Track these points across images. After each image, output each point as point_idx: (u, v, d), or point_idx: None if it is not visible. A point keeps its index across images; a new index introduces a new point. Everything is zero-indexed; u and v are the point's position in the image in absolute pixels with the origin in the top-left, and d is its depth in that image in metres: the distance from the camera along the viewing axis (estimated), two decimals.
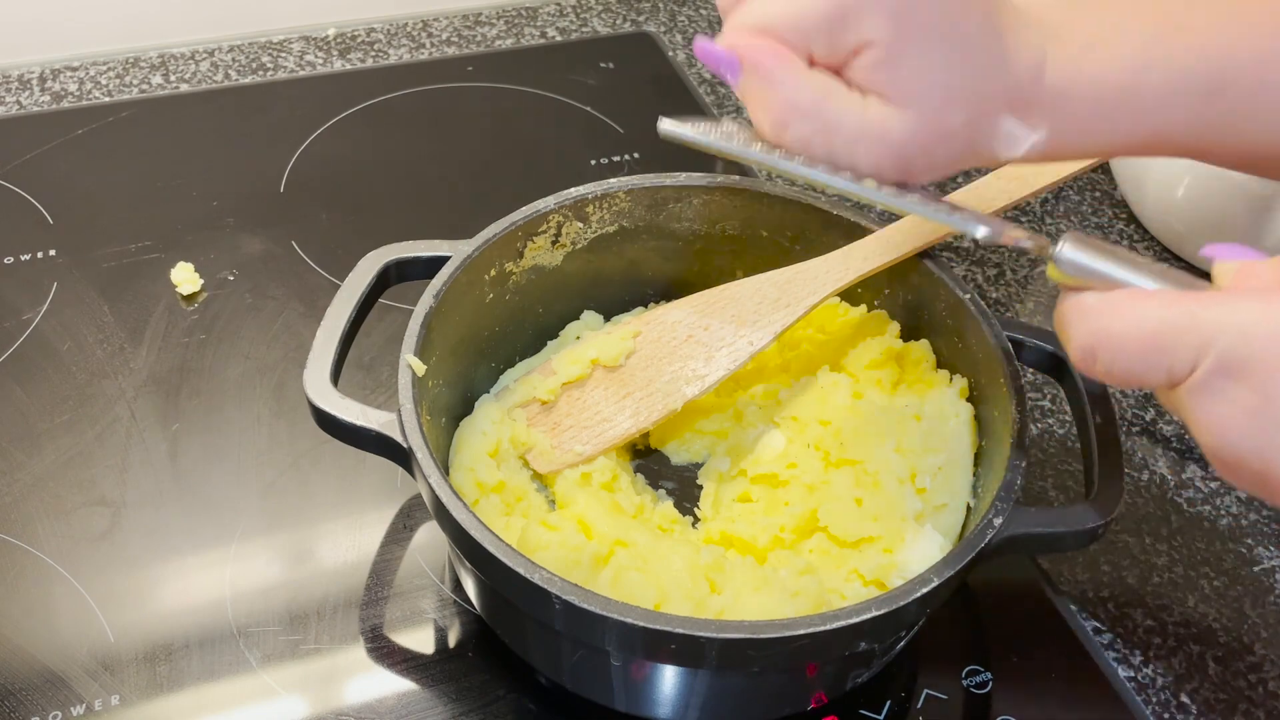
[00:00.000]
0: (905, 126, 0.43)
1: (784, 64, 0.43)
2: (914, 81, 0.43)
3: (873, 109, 0.43)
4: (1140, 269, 0.41)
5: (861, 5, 0.42)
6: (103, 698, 0.58)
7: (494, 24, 1.06)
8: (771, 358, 0.67)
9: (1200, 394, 0.38)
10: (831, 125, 0.44)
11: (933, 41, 0.42)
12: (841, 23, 0.42)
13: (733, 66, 0.44)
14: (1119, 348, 0.40)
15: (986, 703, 0.59)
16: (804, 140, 0.44)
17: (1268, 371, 0.36)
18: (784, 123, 0.44)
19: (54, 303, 0.77)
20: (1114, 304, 0.40)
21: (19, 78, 0.96)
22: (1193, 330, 0.38)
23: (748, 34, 0.44)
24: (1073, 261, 0.42)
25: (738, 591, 0.54)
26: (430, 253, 0.62)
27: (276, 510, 0.66)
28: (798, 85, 0.43)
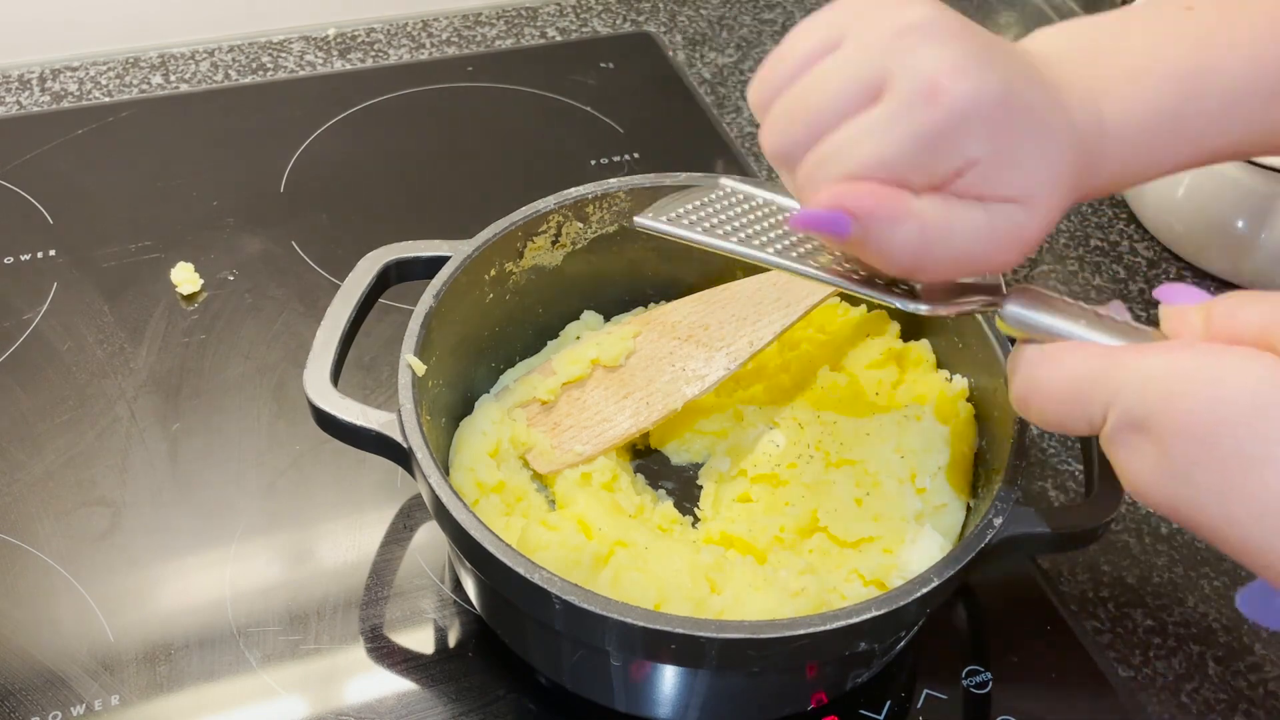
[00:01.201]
0: (1030, 217, 0.43)
1: (899, 203, 0.41)
2: (1028, 179, 0.42)
3: (997, 214, 0.42)
4: (1081, 322, 0.43)
5: (957, 128, 0.40)
6: (103, 698, 0.58)
7: (494, 24, 1.06)
8: (771, 358, 0.67)
9: (1113, 444, 0.40)
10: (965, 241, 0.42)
11: (1030, 138, 0.42)
12: (934, 151, 0.41)
13: (843, 223, 0.41)
14: (1046, 396, 0.42)
15: (986, 703, 0.59)
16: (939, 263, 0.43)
17: (1163, 429, 0.37)
18: (919, 256, 0.42)
19: (54, 303, 0.77)
20: (1045, 356, 0.42)
21: (19, 78, 0.96)
22: (1104, 384, 0.39)
23: (844, 185, 0.41)
24: (1016, 317, 0.44)
25: (738, 591, 0.54)
26: (430, 253, 0.62)
27: (276, 510, 0.66)
28: (920, 216, 0.41)
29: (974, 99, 0.40)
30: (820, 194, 0.42)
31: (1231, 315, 0.39)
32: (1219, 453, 0.36)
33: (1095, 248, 0.87)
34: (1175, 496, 0.38)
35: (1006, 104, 0.41)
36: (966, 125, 0.40)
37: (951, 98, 0.40)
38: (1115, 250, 0.87)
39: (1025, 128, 0.42)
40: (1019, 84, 0.41)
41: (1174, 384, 0.37)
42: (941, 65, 0.40)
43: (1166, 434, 0.37)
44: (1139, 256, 0.86)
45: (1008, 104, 0.41)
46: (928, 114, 0.40)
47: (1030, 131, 0.42)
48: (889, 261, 0.43)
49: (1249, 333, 0.38)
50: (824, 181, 0.42)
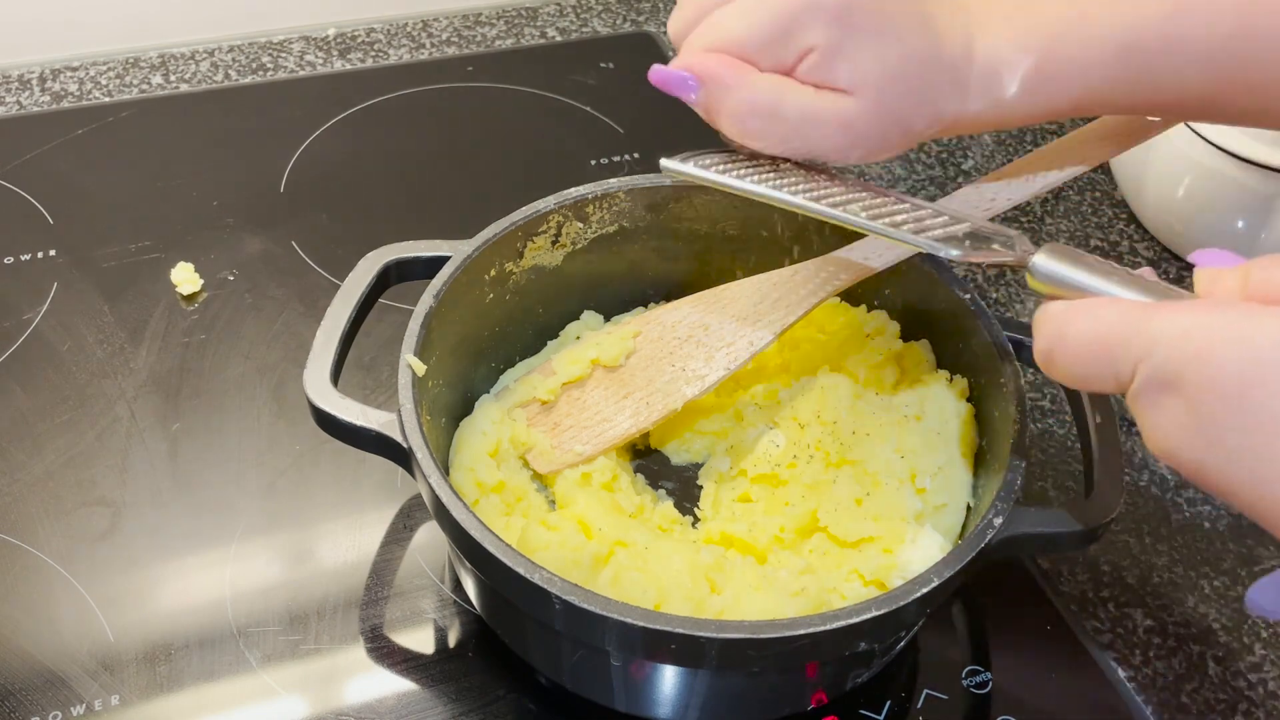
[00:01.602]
0: (854, 107, 0.48)
1: (737, 71, 0.48)
2: (856, 71, 0.48)
3: (824, 98, 0.48)
4: (1113, 279, 0.43)
5: (801, 17, 0.47)
6: (103, 698, 0.58)
7: (494, 24, 1.06)
8: (771, 358, 0.67)
9: (1140, 402, 0.39)
10: (789, 116, 0.48)
11: (869, 36, 0.47)
12: (784, 35, 0.47)
13: (688, 83, 0.49)
14: (1072, 353, 0.41)
15: (986, 703, 0.59)
16: (765, 133, 0.50)
17: (1194, 388, 0.37)
18: (745, 122, 0.49)
19: (54, 303, 0.77)
20: (1074, 311, 0.42)
21: (19, 78, 0.96)
22: (1134, 341, 0.39)
23: (699, 54, 0.49)
24: (1047, 272, 0.44)
25: (738, 591, 0.54)
26: (430, 253, 0.62)
27: (276, 510, 0.66)
28: (753, 86, 0.48)
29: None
30: (681, 59, 0.50)
31: (1268, 276, 0.39)
32: (1250, 413, 0.36)
33: (1095, 248, 0.87)
34: (1203, 457, 0.37)
35: (851, 2, 0.47)
36: (809, 16, 0.47)
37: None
38: (1115, 250, 0.87)
39: (866, 27, 0.47)
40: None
41: (1206, 342, 0.37)
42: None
43: (1196, 392, 0.37)
44: (1139, 256, 0.86)
45: (852, 3, 0.47)
46: (778, 2, 0.47)
47: (871, 33, 0.47)
48: (724, 125, 0.50)
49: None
50: (685, 52, 0.50)
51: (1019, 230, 0.47)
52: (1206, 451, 0.37)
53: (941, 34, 0.48)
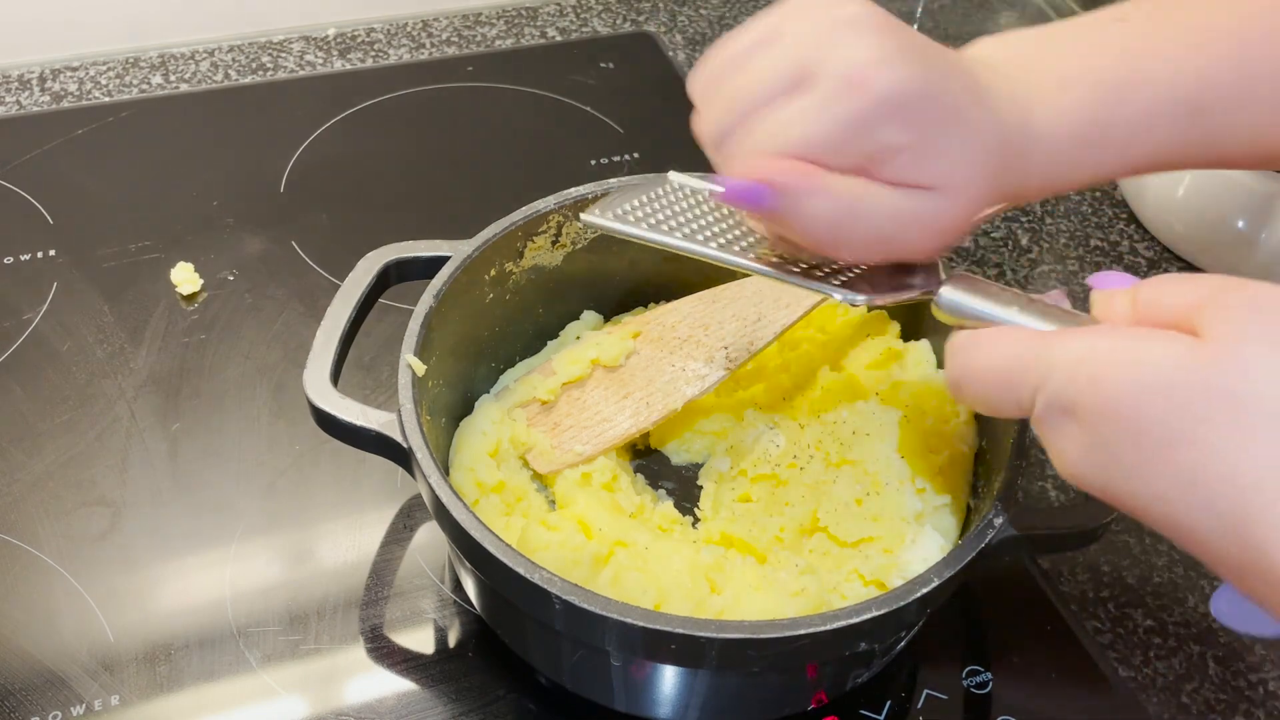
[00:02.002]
0: (940, 204, 0.45)
1: (816, 179, 0.43)
2: (941, 167, 0.44)
3: (908, 198, 0.44)
4: (1015, 307, 0.44)
5: (876, 115, 0.43)
6: (103, 698, 0.58)
7: (494, 24, 1.06)
8: (771, 358, 0.67)
9: (1043, 427, 0.40)
10: (873, 221, 0.44)
11: (945, 130, 0.44)
12: (857, 138, 0.43)
13: (763, 194, 0.43)
14: (977, 382, 0.43)
15: (986, 703, 0.59)
16: (846, 241, 0.45)
17: (1089, 412, 0.38)
18: (824, 230, 0.44)
19: (54, 303, 0.77)
20: (977, 341, 0.43)
21: (19, 78, 0.96)
22: (1032, 369, 0.40)
23: (761, 160, 0.44)
24: (951, 304, 0.46)
25: (738, 591, 0.54)
26: (430, 253, 0.62)
27: (276, 510, 0.66)
28: (833, 192, 0.43)
29: (896, 89, 0.42)
30: (746, 166, 0.44)
31: (1155, 298, 0.40)
32: (1139, 433, 0.36)
33: (1095, 248, 0.87)
34: (1104, 477, 0.38)
35: (927, 96, 0.43)
36: (887, 114, 0.43)
37: (875, 86, 0.42)
38: (1115, 250, 0.87)
39: (945, 121, 0.44)
40: (942, 80, 0.44)
41: (1096, 367, 0.38)
42: (867, 56, 0.42)
43: (1091, 416, 0.38)
44: (1139, 256, 0.86)
45: (928, 97, 0.43)
46: (851, 101, 0.42)
47: (950, 125, 0.44)
48: (806, 234, 0.45)
49: (1172, 314, 0.39)
50: (746, 157, 0.44)
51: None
52: (1107, 472, 0.38)
53: (1003, 113, 0.45)
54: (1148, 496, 0.37)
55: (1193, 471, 0.35)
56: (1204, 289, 0.38)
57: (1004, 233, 0.88)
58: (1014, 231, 0.88)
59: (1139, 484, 0.37)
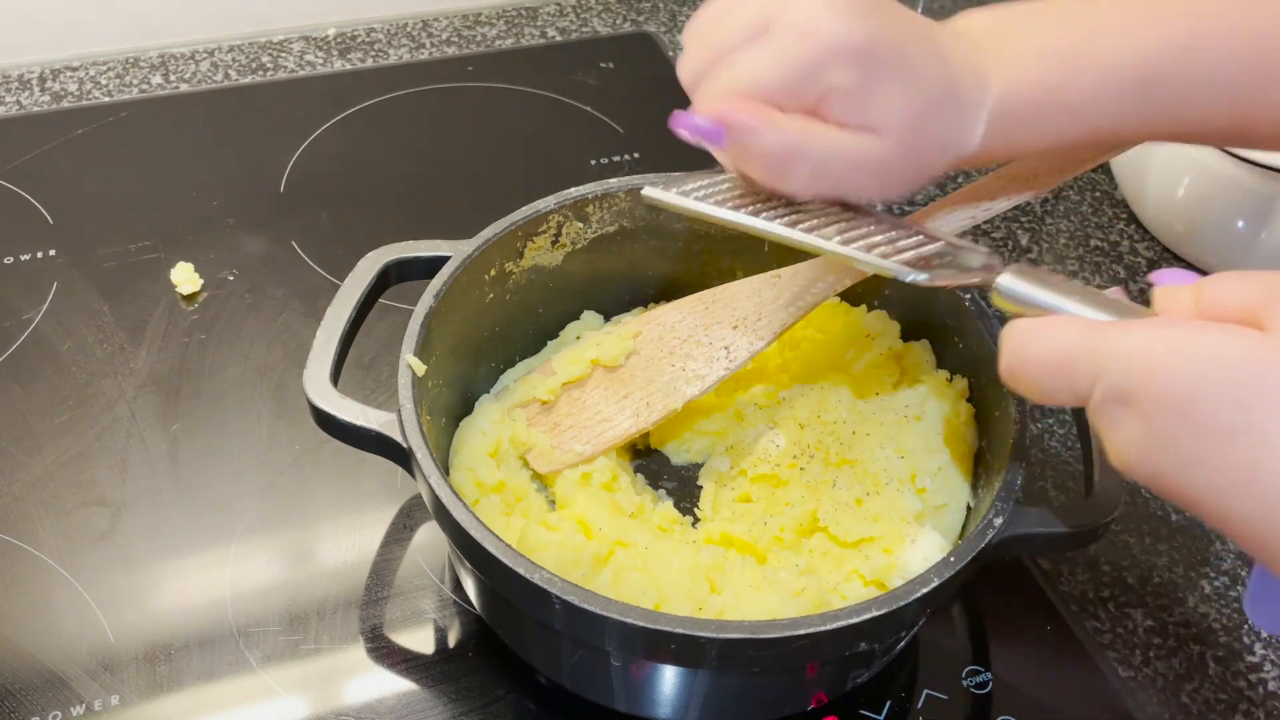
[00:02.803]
0: (880, 146, 0.48)
1: (763, 115, 0.47)
2: (881, 110, 0.47)
3: (850, 137, 0.48)
4: (1075, 297, 0.44)
5: (826, 58, 0.46)
6: (103, 698, 0.58)
7: (494, 24, 1.06)
8: (771, 358, 0.67)
9: (1099, 416, 0.41)
10: (817, 157, 0.48)
11: (892, 76, 0.47)
12: (808, 77, 0.46)
13: (716, 131, 0.47)
14: (1033, 370, 0.43)
15: (986, 703, 0.59)
16: (793, 175, 0.48)
17: (1147, 402, 0.38)
18: (774, 165, 0.48)
19: (54, 303, 0.77)
20: (1035, 329, 0.43)
21: (19, 78, 0.96)
22: (1091, 358, 0.40)
23: (722, 100, 0.48)
24: (1011, 292, 0.46)
25: (738, 591, 0.54)
26: (430, 253, 0.62)
27: (276, 510, 0.66)
28: (781, 129, 0.47)
29: (843, 38, 0.46)
30: (704, 105, 0.48)
31: (1219, 293, 0.40)
32: (1198, 424, 0.37)
33: (1095, 248, 0.87)
34: (1159, 469, 0.38)
35: (874, 46, 0.46)
36: (833, 59, 0.46)
37: (822, 34, 0.46)
38: (1115, 250, 0.87)
39: (891, 68, 0.47)
40: (892, 33, 0.47)
41: (1156, 358, 0.38)
42: (818, 8, 0.46)
43: (1149, 406, 0.38)
44: (1139, 256, 0.86)
45: (875, 46, 0.46)
46: (800, 46, 0.46)
47: (895, 72, 0.47)
48: (758, 168, 0.49)
49: (1235, 310, 0.39)
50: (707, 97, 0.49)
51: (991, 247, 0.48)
52: (1162, 463, 0.38)
53: (956, 71, 0.48)
54: (1203, 489, 0.37)
55: (1252, 466, 0.36)
56: (1271, 284, 0.38)
57: (1004, 233, 0.88)
58: (1014, 231, 0.88)
59: (1195, 476, 0.37)
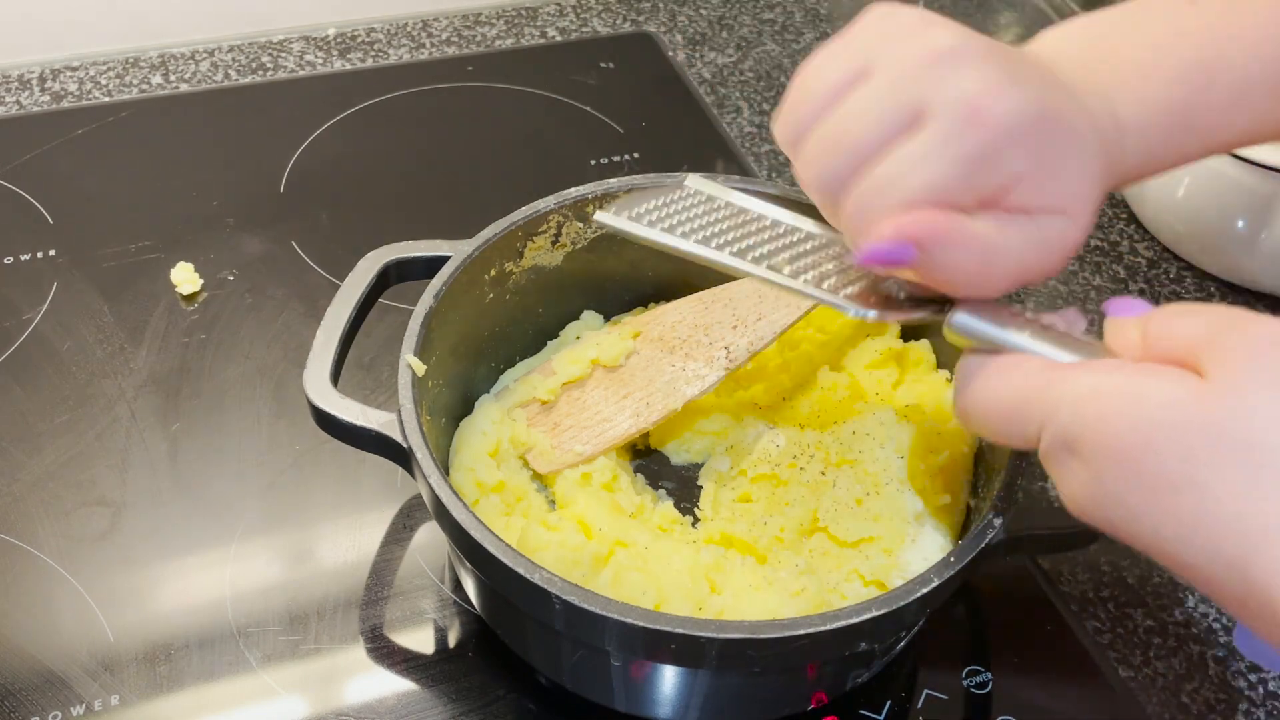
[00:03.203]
0: (1077, 224, 0.44)
1: (957, 227, 0.42)
2: (1066, 187, 0.44)
3: (1046, 225, 0.44)
4: (1026, 333, 0.43)
5: (999, 146, 0.42)
6: (103, 698, 0.58)
7: (494, 24, 1.06)
8: (771, 358, 0.67)
9: (1048, 462, 0.41)
10: (1019, 254, 0.44)
11: (1063, 149, 0.43)
12: (982, 172, 0.42)
13: (906, 253, 0.42)
14: (983, 413, 0.43)
15: (986, 703, 0.59)
16: (990, 278, 0.44)
17: (1092, 451, 0.38)
18: (980, 272, 0.43)
19: (54, 303, 0.77)
20: (985, 371, 0.42)
21: (19, 78, 0.96)
22: (1039, 403, 0.40)
23: (901, 215, 0.42)
24: (962, 325, 0.44)
25: (738, 591, 0.54)
26: (430, 253, 0.62)
27: (276, 510, 0.66)
28: (978, 237, 0.43)
29: (1014, 117, 0.41)
30: (882, 225, 0.42)
31: (1166, 330, 0.39)
32: (1144, 475, 0.37)
33: (1095, 248, 0.87)
34: (1109, 516, 0.38)
35: (1043, 118, 0.42)
36: (1009, 143, 0.42)
37: (994, 118, 0.41)
38: (1115, 250, 0.87)
39: (1062, 139, 0.43)
40: (1051, 98, 0.43)
41: (1100, 406, 0.38)
42: (979, 87, 0.41)
43: (1095, 456, 0.38)
44: (1139, 256, 0.86)
45: (1044, 117, 0.42)
46: (972, 136, 0.41)
47: (1066, 142, 0.43)
48: (952, 283, 0.44)
49: (1180, 348, 0.38)
50: (880, 212, 0.42)
51: None
52: (1111, 511, 0.38)
53: (1095, 112, 0.45)
54: (1153, 538, 0.37)
55: (1196, 516, 0.36)
56: (1208, 325, 0.38)
57: None
58: None
59: (1143, 525, 0.37)
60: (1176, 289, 0.84)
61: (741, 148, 0.92)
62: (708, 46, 1.04)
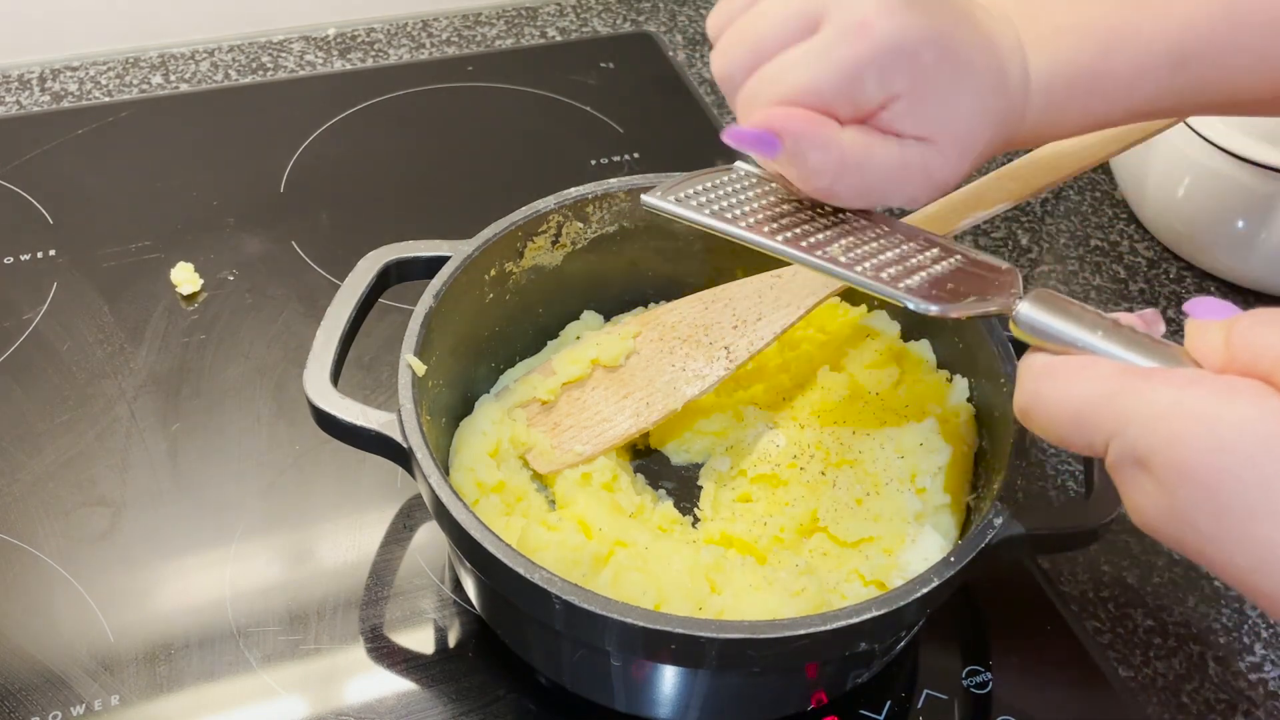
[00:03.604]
0: (944, 159, 0.46)
1: (822, 128, 0.44)
2: (941, 118, 0.45)
3: (910, 151, 0.45)
4: (1098, 332, 0.41)
5: (881, 61, 0.43)
6: (103, 698, 0.58)
7: (494, 24, 1.06)
8: (771, 358, 0.67)
9: (1116, 475, 0.40)
10: (875, 171, 0.45)
11: (948, 78, 0.44)
12: (860, 82, 0.44)
13: (770, 141, 0.45)
14: (1047, 416, 0.41)
15: (986, 703, 0.59)
16: (846, 190, 0.46)
17: (1165, 471, 0.37)
18: (834, 181, 0.46)
19: (54, 303, 0.77)
20: (1053, 371, 0.41)
21: (19, 78, 0.96)
22: (1108, 414, 0.39)
23: (773, 107, 0.45)
24: (1029, 322, 0.43)
25: (738, 591, 0.54)
26: (430, 253, 0.62)
27: (276, 510, 0.66)
28: (841, 144, 0.45)
29: (899, 36, 0.43)
30: (755, 115, 0.45)
31: (1250, 340, 0.38)
32: (1220, 500, 0.35)
33: (1095, 248, 0.87)
34: (1179, 535, 0.37)
35: (931, 44, 0.44)
36: (890, 61, 0.43)
37: (878, 33, 0.43)
38: (1115, 250, 0.87)
39: (948, 69, 0.44)
40: (948, 27, 0.44)
41: (1176, 424, 0.36)
42: (874, 5, 0.43)
43: (1169, 476, 0.37)
44: (1139, 256, 0.86)
45: (932, 45, 0.44)
46: (855, 46, 0.43)
47: (953, 74, 0.44)
48: (806, 183, 0.47)
49: (1266, 358, 0.37)
50: (759, 103, 0.45)
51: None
52: (1183, 532, 0.37)
53: (1004, 56, 0.46)
54: (1227, 564, 0.36)
55: (1275, 546, 0.35)
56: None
57: (1004, 233, 0.88)
58: (1014, 231, 0.88)
59: (1218, 551, 0.36)
60: (1176, 289, 0.84)
61: None
62: (708, 46, 1.04)
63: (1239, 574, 0.36)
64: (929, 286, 0.46)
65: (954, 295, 0.45)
